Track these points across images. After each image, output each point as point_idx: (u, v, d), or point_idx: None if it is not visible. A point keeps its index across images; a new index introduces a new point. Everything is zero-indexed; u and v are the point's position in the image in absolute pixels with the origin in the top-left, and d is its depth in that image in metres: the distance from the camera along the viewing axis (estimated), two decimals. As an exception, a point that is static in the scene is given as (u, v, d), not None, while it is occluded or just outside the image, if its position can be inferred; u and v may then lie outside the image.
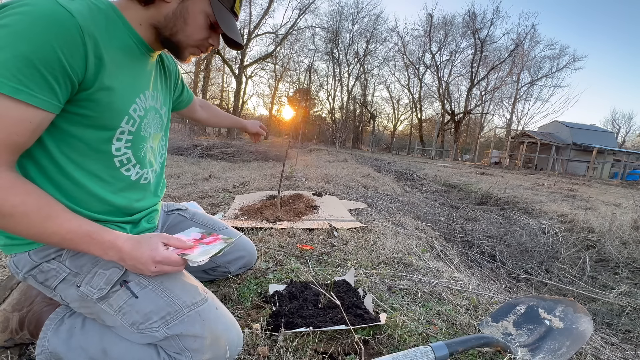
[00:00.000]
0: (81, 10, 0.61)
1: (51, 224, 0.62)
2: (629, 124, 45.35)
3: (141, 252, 0.68)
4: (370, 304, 1.08)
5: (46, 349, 0.77)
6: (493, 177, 9.44)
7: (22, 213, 0.59)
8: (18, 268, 0.73)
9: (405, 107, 38.45)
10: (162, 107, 0.91)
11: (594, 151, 17.97)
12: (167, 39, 0.77)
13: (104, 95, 0.67)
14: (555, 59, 29.71)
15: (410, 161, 15.61)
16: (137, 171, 0.83)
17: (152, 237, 0.71)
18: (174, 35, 0.76)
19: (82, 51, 0.60)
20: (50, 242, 0.65)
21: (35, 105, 0.57)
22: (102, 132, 0.71)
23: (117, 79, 0.69)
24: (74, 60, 0.60)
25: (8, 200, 0.58)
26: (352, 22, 32.35)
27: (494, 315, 1.07)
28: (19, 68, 0.54)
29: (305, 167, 6.14)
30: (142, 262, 0.68)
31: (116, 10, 0.70)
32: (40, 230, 0.61)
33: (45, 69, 0.56)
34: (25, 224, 0.60)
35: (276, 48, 26.07)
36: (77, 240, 0.65)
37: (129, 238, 0.69)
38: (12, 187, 0.59)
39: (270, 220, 2.15)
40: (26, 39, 0.54)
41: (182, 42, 0.78)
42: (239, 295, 1.16)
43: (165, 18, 0.74)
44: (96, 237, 0.66)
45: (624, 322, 1.68)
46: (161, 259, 0.69)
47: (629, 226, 3.34)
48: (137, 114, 0.76)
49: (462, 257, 2.51)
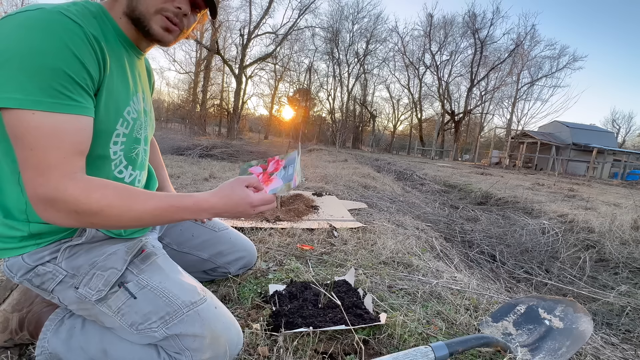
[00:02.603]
0: (81, 17, 0.63)
1: (136, 206, 0.64)
2: (629, 124, 45.40)
3: (236, 202, 0.71)
4: (370, 304, 1.08)
5: (46, 349, 0.77)
6: (493, 177, 9.44)
7: (107, 205, 0.61)
8: (12, 272, 0.72)
9: (405, 107, 38.48)
10: (151, 109, 0.92)
11: (594, 151, 17.97)
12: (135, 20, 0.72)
13: (104, 99, 0.68)
14: (555, 59, 29.74)
15: (410, 161, 15.61)
16: (130, 173, 0.82)
17: (233, 187, 0.73)
18: (136, 9, 0.70)
19: (94, 57, 0.63)
20: (143, 222, 0.66)
21: (83, 114, 0.62)
22: (100, 136, 0.70)
23: (114, 82, 0.70)
24: (92, 67, 0.63)
25: (91, 197, 0.60)
26: (352, 22, 32.37)
27: (494, 315, 1.07)
28: (63, 85, 0.58)
29: (305, 167, 6.14)
30: (241, 210, 0.72)
31: (105, 11, 0.71)
32: (130, 215, 0.63)
33: (79, 78, 0.60)
34: (115, 213, 0.62)
35: (276, 48, 26.05)
36: (165, 214, 0.67)
37: (212, 195, 0.71)
38: (89, 185, 0.61)
39: (270, 220, 2.15)
40: (51, 52, 0.56)
41: (144, 12, 0.71)
42: (239, 295, 1.16)
43: None
44: (180, 205, 0.67)
45: (624, 322, 1.68)
46: (257, 202, 0.73)
47: (629, 226, 3.34)
48: (130, 116, 0.77)
49: (462, 257, 2.51)
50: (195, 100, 25.96)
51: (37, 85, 0.55)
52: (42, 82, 0.56)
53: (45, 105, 0.56)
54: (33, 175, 0.58)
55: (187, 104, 26.69)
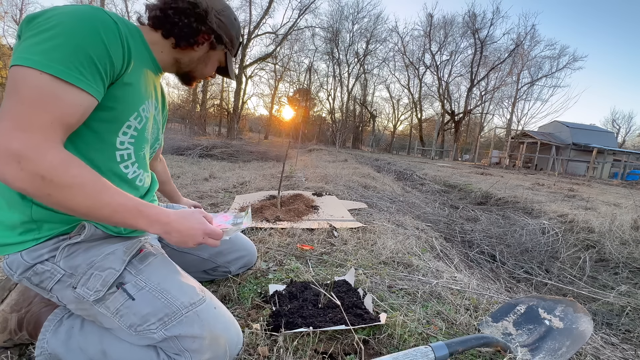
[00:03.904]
0: (119, 20, 0.71)
1: (104, 196, 0.65)
2: (629, 124, 45.36)
3: (190, 225, 0.74)
4: (370, 304, 1.08)
5: (45, 350, 0.77)
6: (493, 177, 9.44)
7: (80, 184, 0.62)
8: (12, 270, 0.73)
9: (405, 107, 38.47)
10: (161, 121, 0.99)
11: (594, 151, 17.97)
12: (184, 73, 0.94)
13: (122, 90, 0.73)
14: (555, 59, 29.68)
15: (410, 161, 15.61)
16: (134, 170, 0.83)
17: (194, 212, 0.78)
18: (193, 72, 0.94)
19: (121, 51, 0.69)
20: (101, 214, 0.66)
21: (88, 92, 0.64)
22: (112, 123, 0.74)
23: (135, 79, 0.76)
24: (117, 58, 0.68)
25: (68, 171, 0.61)
26: (352, 22, 32.34)
27: (494, 315, 1.07)
28: (80, 60, 0.62)
29: (305, 167, 6.14)
30: (191, 233, 0.74)
31: (139, 32, 0.80)
32: (94, 201, 0.64)
33: (99, 61, 0.65)
34: (82, 194, 0.63)
35: (276, 48, 26.06)
36: (125, 214, 0.67)
37: (173, 213, 0.74)
38: (71, 160, 0.62)
39: (270, 220, 2.14)
40: (84, 35, 0.63)
41: (197, 77, 0.96)
42: (239, 295, 1.16)
43: (190, 60, 0.90)
44: (143, 210, 0.69)
45: (624, 322, 1.67)
46: (209, 232, 0.76)
47: (629, 226, 3.34)
48: (144, 114, 0.81)
49: (462, 257, 2.51)
50: (195, 100, 25.97)
51: (57, 55, 0.60)
52: (62, 53, 0.60)
53: (54, 70, 0.59)
54: (11, 127, 0.57)
55: (187, 104, 26.68)
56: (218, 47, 0.91)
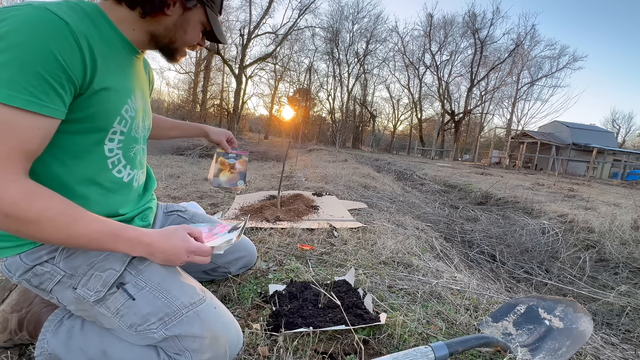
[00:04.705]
0: (71, 14, 0.61)
1: (77, 226, 0.63)
2: (629, 124, 45.40)
3: (173, 244, 0.72)
4: (370, 304, 1.08)
5: (45, 350, 0.77)
6: (493, 177, 9.43)
7: (49, 218, 0.60)
8: (10, 272, 0.72)
9: (405, 107, 38.48)
10: (149, 107, 0.92)
11: (594, 151, 17.97)
12: (164, 46, 0.81)
13: (97, 98, 0.67)
14: (555, 59, 29.71)
15: (410, 161, 15.60)
16: (128, 172, 0.82)
17: (177, 229, 0.75)
18: (173, 43, 0.80)
19: (79, 56, 0.61)
20: (78, 244, 0.65)
21: (43, 114, 0.58)
22: (95, 133, 0.70)
23: (109, 81, 0.69)
24: (74, 66, 0.60)
25: (33, 205, 0.58)
26: (352, 22, 32.37)
27: (494, 315, 1.07)
28: (27, 80, 0.55)
29: (305, 167, 6.14)
30: (175, 252, 0.72)
31: (102, 12, 0.70)
32: (67, 233, 0.62)
33: (51, 77, 0.57)
34: (52, 228, 0.60)
35: (276, 48, 26.07)
36: (103, 240, 0.66)
37: (155, 232, 0.72)
38: (35, 192, 0.59)
39: (270, 220, 2.14)
40: (29, 49, 0.55)
41: (179, 47, 0.82)
42: (239, 295, 1.16)
43: (165, 29, 0.77)
44: (122, 235, 0.67)
45: (624, 322, 1.67)
46: (194, 249, 0.73)
47: (629, 226, 3.34)
48: (128, 114, 0.76)
49: (462, 257, 2.51)
50: (195, 100, 25.98)
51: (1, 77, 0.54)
52: (6, 75, 0.54)
53: (2, 96, 0.54)
54: None
55: (187, 104, 26.69)
56: (193, 6, 0.77)
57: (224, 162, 1.22)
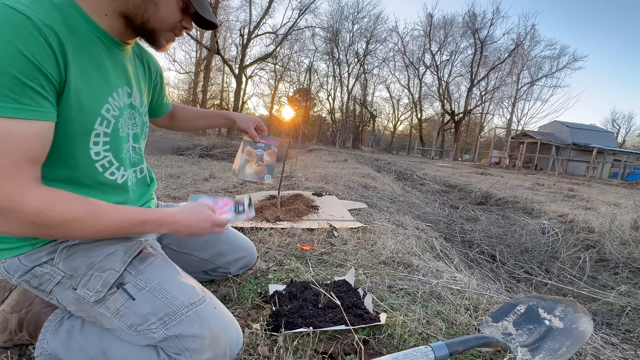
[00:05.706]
0: (33, 7, 0.56)
1: (103, 220, 0.65)
2: (629, 124, 45.41)
3: (197, 219, 0.78)
4: (370, 304, 1.08)
5: (45, 350, 0.77)
6: (493, 177, 9.43)
7: (74, 218, 0.61)
8: (10, 273, 0.72)
9: (405, 107, 38.51)
10: (142, 104, 0.87)
11: (594, 151, 17.98)
12: (139, 27, 0.73)
13: (73, 98, 0.63)
14: (555, 59, 29.70)
15: (410, 161, 15.60)
16: (122, 174, 0.81)
17: (199, 205, 0.81)
18: (147, 22, 0.72)
19: (50, 53, 0.57)
20: (106, 235, 0.68)
21: (35, 119, 0.56)
22: (77, 137, 0.67)
23: (83, 79, 0.65)
24: (47, 65, 0.57)
25: (56, 210, 0.59)
26: (352, 22, 32.39)
27: (494, 315, 1.07)
28: (7, 86, 0.52)
29: (305, 167, 6.14)
30: (201, 226, 0.78)
31: (73, 3, 0.65)
32: (96, 229, 0.65)
33: (29, 79, 0.54)
34: (80, 228, 0.62)
35: (276, 48, 26.05)
36: (130, 227, 0.69)
37: (177, 210, 0.76)
38: (53, 197, 0.60)
39: (270, 220, 2.14)
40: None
41: (156, 28, 0.73)
42: (239, 296, 1.16)
43: (134, 5, 0.69)
44: (146, 218, 0.71)
45: (624, 322, 1.67)
46: (218, 222, 0.80)
47: (629, 226, 3.34)
48: (110, 114, 0.72)
49: (462, 257, 2.51)
50: (196, 100, 25.96)
51: None
52: None
53: None
54: None
55: (187, 104, 26.66)
56: None
57: (251, 153, 1.13)
